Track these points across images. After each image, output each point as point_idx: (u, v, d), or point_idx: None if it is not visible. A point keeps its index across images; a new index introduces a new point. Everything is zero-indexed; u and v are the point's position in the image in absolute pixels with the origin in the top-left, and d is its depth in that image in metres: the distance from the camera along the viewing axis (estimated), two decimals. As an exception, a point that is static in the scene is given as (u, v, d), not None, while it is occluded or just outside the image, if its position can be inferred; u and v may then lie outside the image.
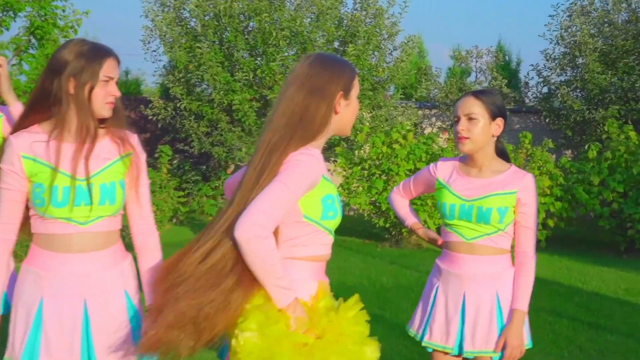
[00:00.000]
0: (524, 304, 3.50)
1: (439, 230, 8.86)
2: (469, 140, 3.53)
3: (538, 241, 12.72)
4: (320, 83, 2.78)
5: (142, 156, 3.21)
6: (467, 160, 3.67)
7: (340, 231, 14.59)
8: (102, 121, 3.10)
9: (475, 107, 3.53)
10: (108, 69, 3.04)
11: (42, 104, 3.04)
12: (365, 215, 13.44)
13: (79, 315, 3.00)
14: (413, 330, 3.82)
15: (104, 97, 3.04)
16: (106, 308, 3.06)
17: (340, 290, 9.11)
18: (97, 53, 3.03)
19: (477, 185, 3.56)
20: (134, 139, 3.20)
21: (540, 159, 12.87)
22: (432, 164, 3.81)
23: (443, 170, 3.73)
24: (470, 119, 3.53)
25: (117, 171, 3.09)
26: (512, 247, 3.63)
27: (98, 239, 3.07)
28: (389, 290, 8.94)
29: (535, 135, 17.44)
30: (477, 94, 3.58)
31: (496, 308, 3.52)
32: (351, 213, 17.66)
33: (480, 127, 3.52)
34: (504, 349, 3.51)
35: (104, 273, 3.07)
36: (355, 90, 2.88)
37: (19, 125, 3.06)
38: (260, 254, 2.54)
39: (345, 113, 2.87)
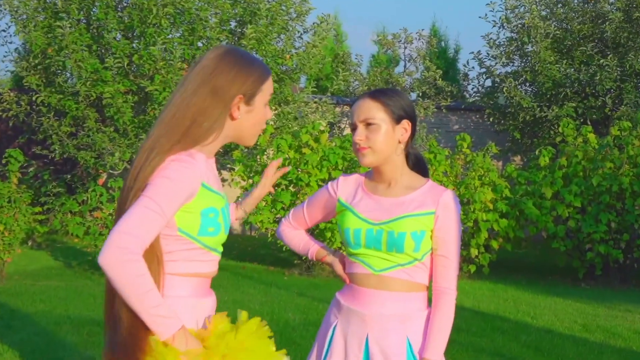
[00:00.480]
0: (436, 352, 3.43)
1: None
2: (369, 151, 3.47)
3: (480, 267, 12.87)
4: (222, 82, 2.93)
5: None
6: (373, 175, 3.63)
7: (238, 256, 14.60)
8: None
9: (373, 111, 3.49)
10: None
11: None
12: (269, 236, 13.36)
13: None
14: None
15: None
16: None
17: (232, 330, 8.76)
18: None
19: (387, 205, 3.52)
20: None
21: (481, 166, 12.99)
22: (331, 182, 3.74)
23: (345, 188, 3.68)
24: (368, 124, 3.48)
25: None
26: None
27: None
28: (295, 329, 8.88)
29: (477, 137, 17.67)
30: (375, 95, 3.53)
31: (406, 356, 3.45)
32: (252, 233, 17.56)
33: (382, 134, 3.46)
34: None
35: None
36: (262, 96, 3.03)
37: None
38: (128, 280, 2.64)
39: (246, 120, 3.01)
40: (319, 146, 12.85)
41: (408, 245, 3.42)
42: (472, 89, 19.66)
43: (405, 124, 3.51)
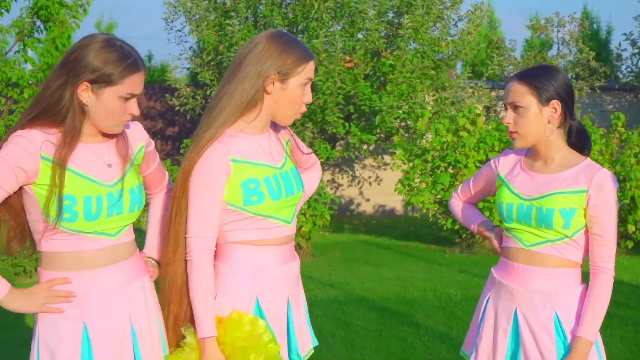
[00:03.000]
0: (590, 331, 3.27)
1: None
2: (517, 136, 3.38)
3: (638, 242, 12.58)
4: (264, 59, 3.13)
5: None
6: (531, 152, 3.51)
7: (401, 235, 14.60)
8: None
9: (520, 94, 3.36)
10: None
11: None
12: (430, 216, 13.32)
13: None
14: (465, 350, 3.74)
15: None
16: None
17: (399, 304, 8.91)
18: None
19: (540, 182, 3.40)
20: None
21: (637, 144, 12.61)
22: (494, 158, 3.67)
23: (506, 164, 3.59)
24: (516, 107, 3.37)
25: None
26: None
27: None
28: (456, 304, 8.80)
29: (632, 116, 17.15)
30: (523, 77, 3.40)
31: (554, 332, 3.33)
32: (414, 214, 17.51)
33: (529, 117, 3.35)
34: None
35: None
36: (298, 78, 3.17)
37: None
38: (196, 278, 3.10)
39: (279, 97, 3.18)
40: (476, 129, 12.68)
41: (557, 222, 3.29)
42: (626, 69, 19.14)
43: (555, 104, 3.34)
